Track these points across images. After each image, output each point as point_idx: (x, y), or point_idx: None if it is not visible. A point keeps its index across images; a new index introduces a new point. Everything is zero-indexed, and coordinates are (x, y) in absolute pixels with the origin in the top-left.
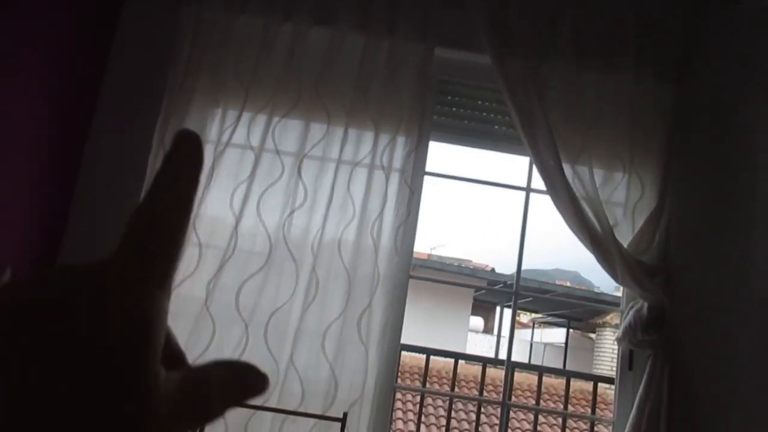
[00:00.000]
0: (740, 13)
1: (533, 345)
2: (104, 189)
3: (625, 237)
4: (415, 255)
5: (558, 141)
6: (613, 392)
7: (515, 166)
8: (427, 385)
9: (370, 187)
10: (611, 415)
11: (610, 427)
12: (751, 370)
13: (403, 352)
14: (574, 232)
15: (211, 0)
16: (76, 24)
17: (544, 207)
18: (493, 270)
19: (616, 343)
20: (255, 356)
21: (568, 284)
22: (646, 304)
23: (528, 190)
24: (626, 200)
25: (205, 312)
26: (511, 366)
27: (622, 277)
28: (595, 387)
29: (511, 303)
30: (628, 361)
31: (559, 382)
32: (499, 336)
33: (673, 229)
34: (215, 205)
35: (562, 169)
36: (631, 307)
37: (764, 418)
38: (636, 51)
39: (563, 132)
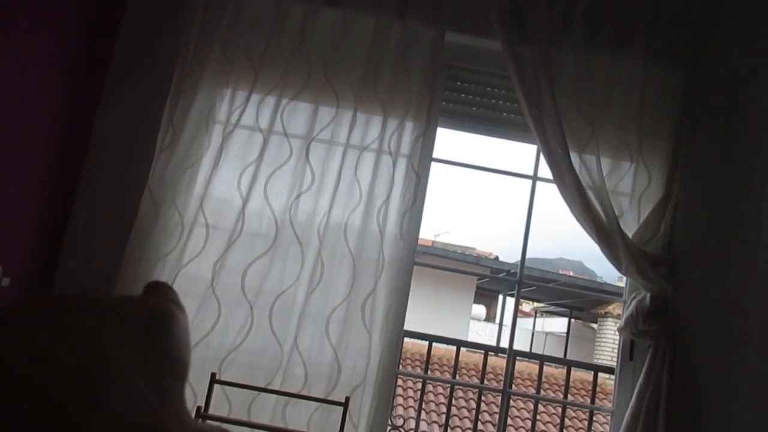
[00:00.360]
0: (752, 2)
1: (534, 334)
2: (112, 168)
3: (630, 227)
4: (419, 241)
5: (566, 128)
6: (613, 382)
7: (522, 154)
8: (429, 371)
9: (378, 172)
10: (611, 405)
11: (609, 417)
12: (752, 363)
13: (406, 339)
14: (579, 221)
15: None
16: (86, 1)
17: (549, 196)
18: (496, 258)
19: (617, 333)
20: (259, 338)
21: (572, 273)
22: (648, 294)
23: (535, 178)
24: (633, 190)
25: (210, 293)
26: (512, 354)
27: (626, 267)
28: (596, 377)
29: (514, 291)
30: (629, 351)
31: (559, 372)
32: (501, 324)
33: (678, 220)
34: (223, 186)
35: (569, 158)
36: (634, 297)
37: (764, 409)
38: (648, 37)
39: (572, 118)
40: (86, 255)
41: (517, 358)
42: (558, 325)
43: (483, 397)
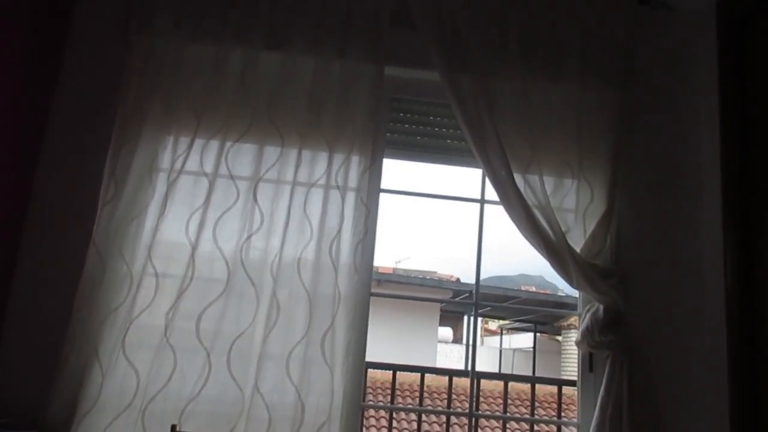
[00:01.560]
0: (677, 19)
1: (503, 351)
2: (55, 225)
3: (577, 242)
4: (380, 269)
5: (508, 151)
6: None
7: (470, 178)
8: (400, 398)
9: (327, 207)
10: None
11: (575, 430)
12: (705, 365)
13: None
14: (528, 239)
15: (161, 28)
16: (21, 54)
17: (505, 215)
18: (458, 280)
19: (576, 346)
20: (219, 385)
21: (534, 289)
22: (601, 306)
23: (482, 201)
24: (576, 206)
25: (165, 343)
26: (476, 376)
27: (577, 281)
28: (560, 390)
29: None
30: (588, 364)
31: (528, 387)
32: (467, 345)
33: (624, 232)
34: (171, 233)
35: (513, 179)
36: (587, 310)
37: (721, 409)
38: (581, 60)
39: (513, 142)
40: (33, 315)
41: (484, 378)
42: (524, 340)
43: (456, 419)
